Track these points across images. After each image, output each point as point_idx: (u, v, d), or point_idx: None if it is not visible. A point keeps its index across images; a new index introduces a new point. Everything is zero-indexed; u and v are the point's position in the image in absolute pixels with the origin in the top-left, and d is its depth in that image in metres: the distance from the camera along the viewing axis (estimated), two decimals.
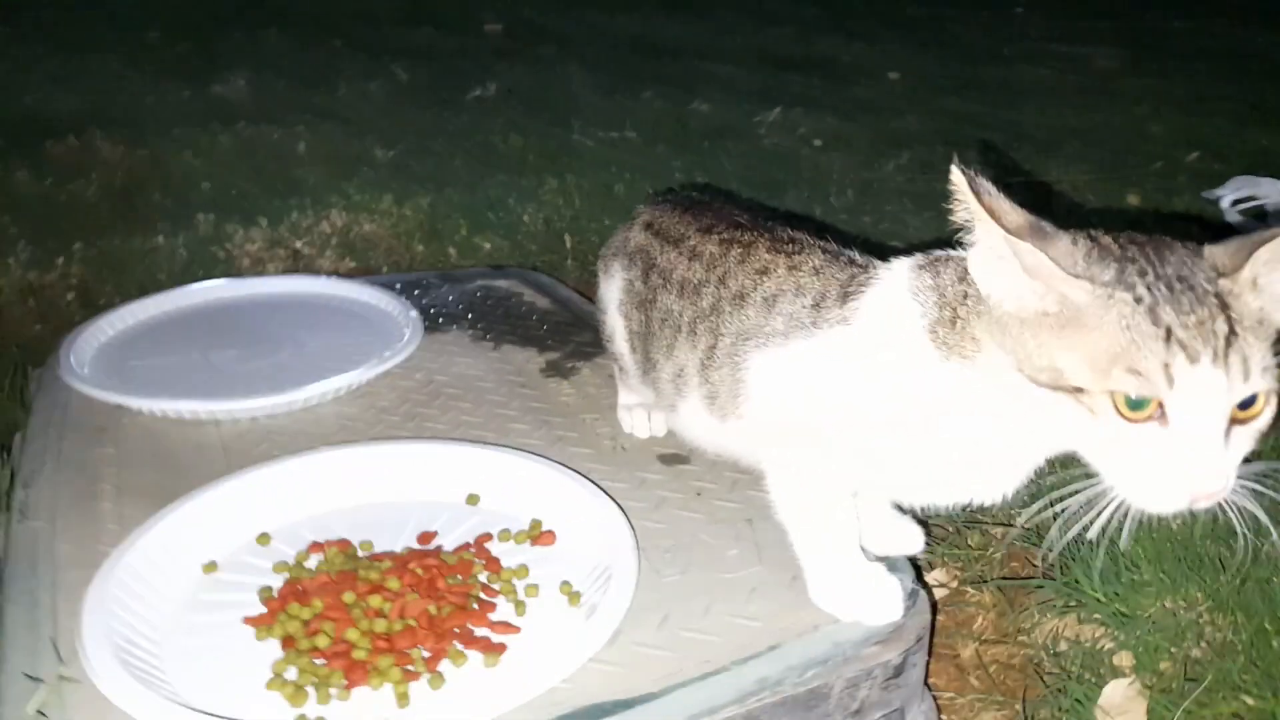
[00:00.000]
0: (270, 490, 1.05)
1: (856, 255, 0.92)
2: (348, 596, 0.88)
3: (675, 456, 1.17)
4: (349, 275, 1.83)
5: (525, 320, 1.58)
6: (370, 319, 1.53)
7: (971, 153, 2.74)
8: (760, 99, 3.33)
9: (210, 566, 0.97)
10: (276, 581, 0.94)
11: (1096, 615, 1.10)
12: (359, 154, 2.59)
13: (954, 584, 1.28)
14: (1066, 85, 3.77)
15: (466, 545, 0.99)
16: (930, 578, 1.28)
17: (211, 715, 0.76)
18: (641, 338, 1.08)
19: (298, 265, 2.02)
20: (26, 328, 1.74)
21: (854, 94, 3.57)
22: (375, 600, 0.88)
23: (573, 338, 1.50)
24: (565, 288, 1.73)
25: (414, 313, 1.51)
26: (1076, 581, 1.13)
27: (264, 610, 0.90)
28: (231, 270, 1.97)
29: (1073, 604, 1.13)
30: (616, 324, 1.15)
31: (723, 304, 0.95)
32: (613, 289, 1.15)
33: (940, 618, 1.24)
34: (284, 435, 1.23)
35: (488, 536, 1.01)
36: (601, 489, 1.04)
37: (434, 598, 0.89)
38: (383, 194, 2.25)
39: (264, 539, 1.01)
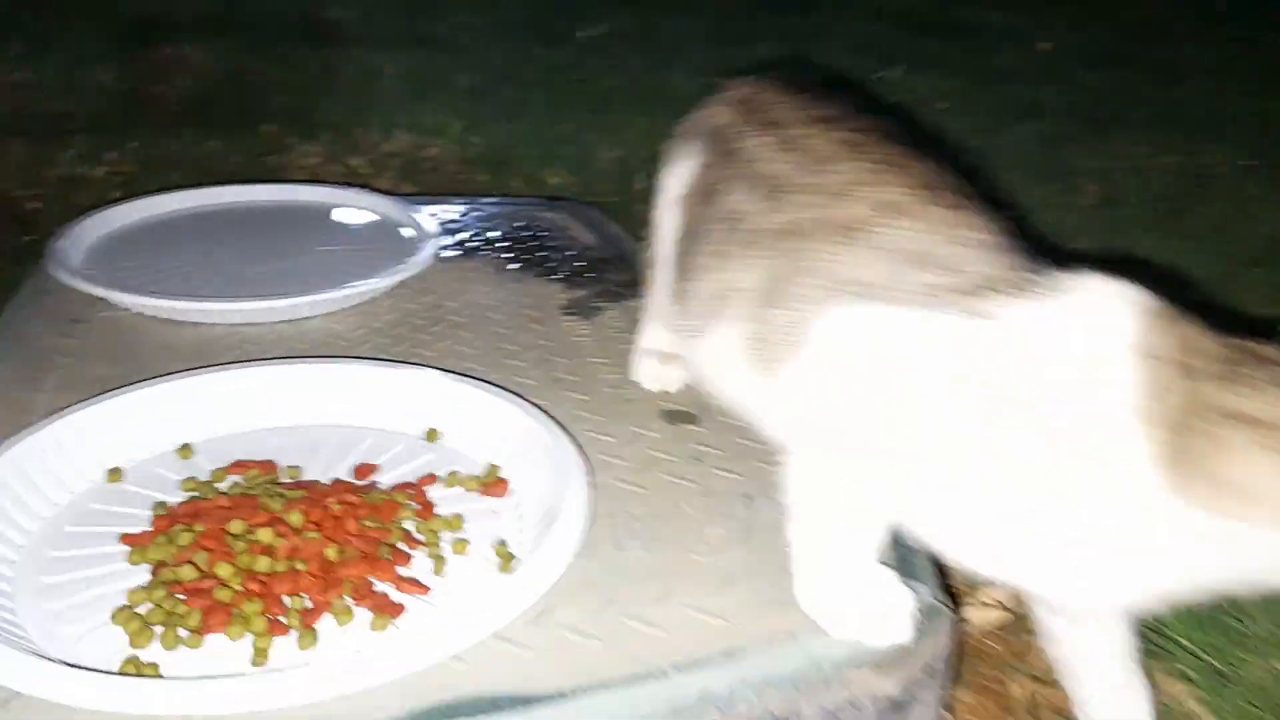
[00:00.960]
0: (203, 399, 0.92)
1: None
2: (234, 525, 0.73)
3: (683, 414, 0.99)
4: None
5: (560, 254, 1.41)
6: (392, 236, 1.40)
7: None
8: (888, 59, 3.07)
9: (115, 474, 0.85)
10: (180, 499, 0.81)
11: (1182, 667, 0.87)
12: (442, 80, 2.46)
13: (1016, 607, 1.06)
14: (1240, 68, 3.35)
15: (406, 485, 0.84)
16: (989, 595, 1.07)
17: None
18: (689, 239, 0.86)
19: (353, 183, 1.91)
20: (66, 220, 1.68)
21: (994, 61, 3.27)
22: (265, 534, 0.73)
23: (609, 277, 1.33)
24: (617, 225, 1.55)
25: (438, 235, 1.37)
26: (1164, 625, 0.90)
27: (148, 530, 0.77)
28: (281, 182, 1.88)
29: (1155, 650, 0.90)
30: (665, 220, 0.93)
31: (819, 228, 0.71)
32: (674, 176, 0.91)
33: (997, 647, 1.03)
34: (260, 345, 1.10)
35: (432, 478, 0.85)
36: (574, 439, 0.87)
37: (337, 539, 0.74)
38: (454, 120, 2.11)
39: (185, 451, 0.88)
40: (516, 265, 1.36)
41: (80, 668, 0.62)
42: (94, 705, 0.58)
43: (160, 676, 0.64)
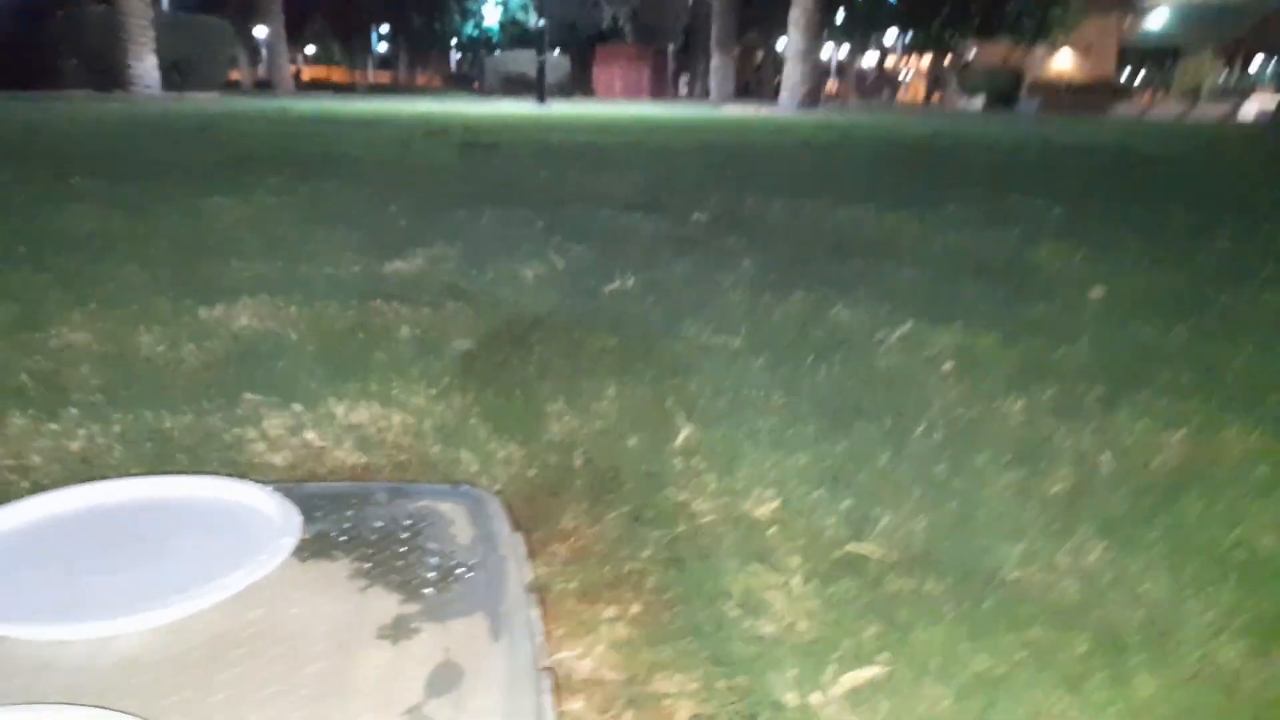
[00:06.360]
0: None
1: None
2: None
3: None
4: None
5: (424, 556, 1.38)
6: (254, 536, 1.39)
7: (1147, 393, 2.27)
8: (912, 312, 3.01)
9: None
10: None
11: None
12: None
13: None
14: None
15: None
16: None
17: None
18: None
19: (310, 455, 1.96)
20: None
21: (1033, 311, 3.15)
22: None
23: (453, 586, 1.29)
24: (505, 519, 1.52)
25: (298, 536, 1.36)
26: None
27: None
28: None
29: None
30: None
31: None
32: None
33: None
34: (59, 672, 1.09)
35: None
36: None
37: None
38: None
39: None
40: (368, 568, 1.34)
41: None
42: None
43: None
